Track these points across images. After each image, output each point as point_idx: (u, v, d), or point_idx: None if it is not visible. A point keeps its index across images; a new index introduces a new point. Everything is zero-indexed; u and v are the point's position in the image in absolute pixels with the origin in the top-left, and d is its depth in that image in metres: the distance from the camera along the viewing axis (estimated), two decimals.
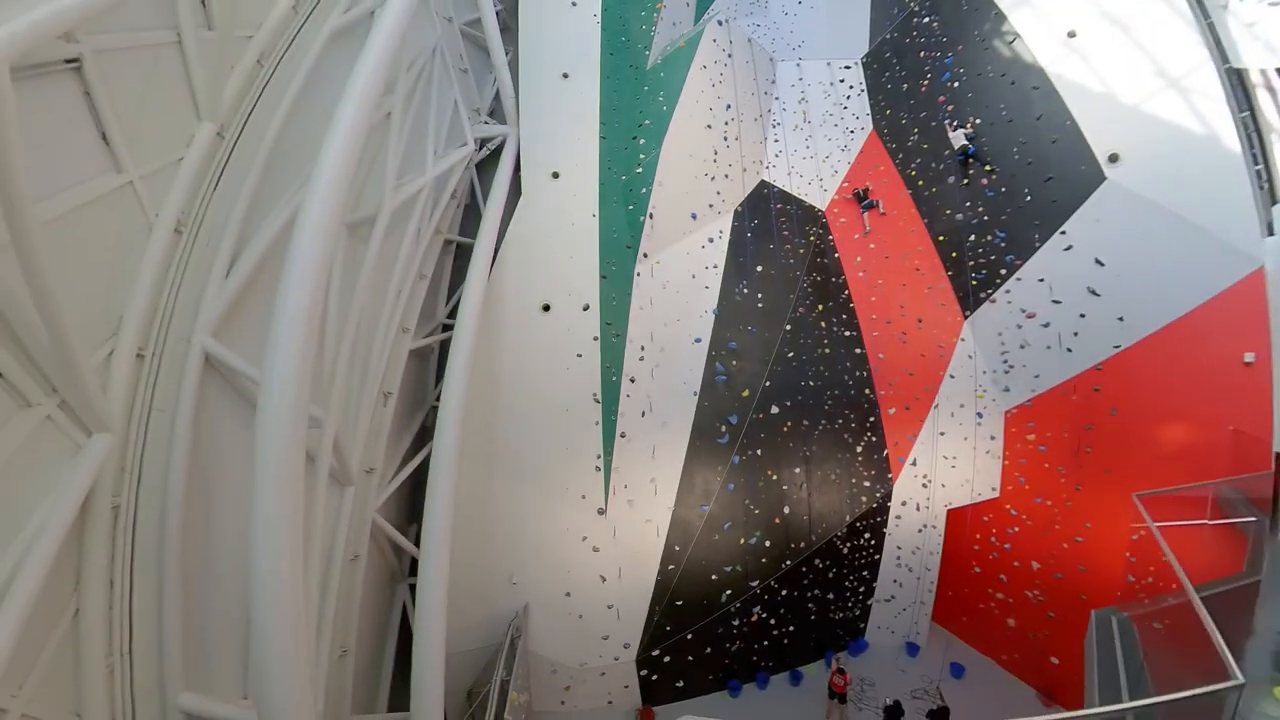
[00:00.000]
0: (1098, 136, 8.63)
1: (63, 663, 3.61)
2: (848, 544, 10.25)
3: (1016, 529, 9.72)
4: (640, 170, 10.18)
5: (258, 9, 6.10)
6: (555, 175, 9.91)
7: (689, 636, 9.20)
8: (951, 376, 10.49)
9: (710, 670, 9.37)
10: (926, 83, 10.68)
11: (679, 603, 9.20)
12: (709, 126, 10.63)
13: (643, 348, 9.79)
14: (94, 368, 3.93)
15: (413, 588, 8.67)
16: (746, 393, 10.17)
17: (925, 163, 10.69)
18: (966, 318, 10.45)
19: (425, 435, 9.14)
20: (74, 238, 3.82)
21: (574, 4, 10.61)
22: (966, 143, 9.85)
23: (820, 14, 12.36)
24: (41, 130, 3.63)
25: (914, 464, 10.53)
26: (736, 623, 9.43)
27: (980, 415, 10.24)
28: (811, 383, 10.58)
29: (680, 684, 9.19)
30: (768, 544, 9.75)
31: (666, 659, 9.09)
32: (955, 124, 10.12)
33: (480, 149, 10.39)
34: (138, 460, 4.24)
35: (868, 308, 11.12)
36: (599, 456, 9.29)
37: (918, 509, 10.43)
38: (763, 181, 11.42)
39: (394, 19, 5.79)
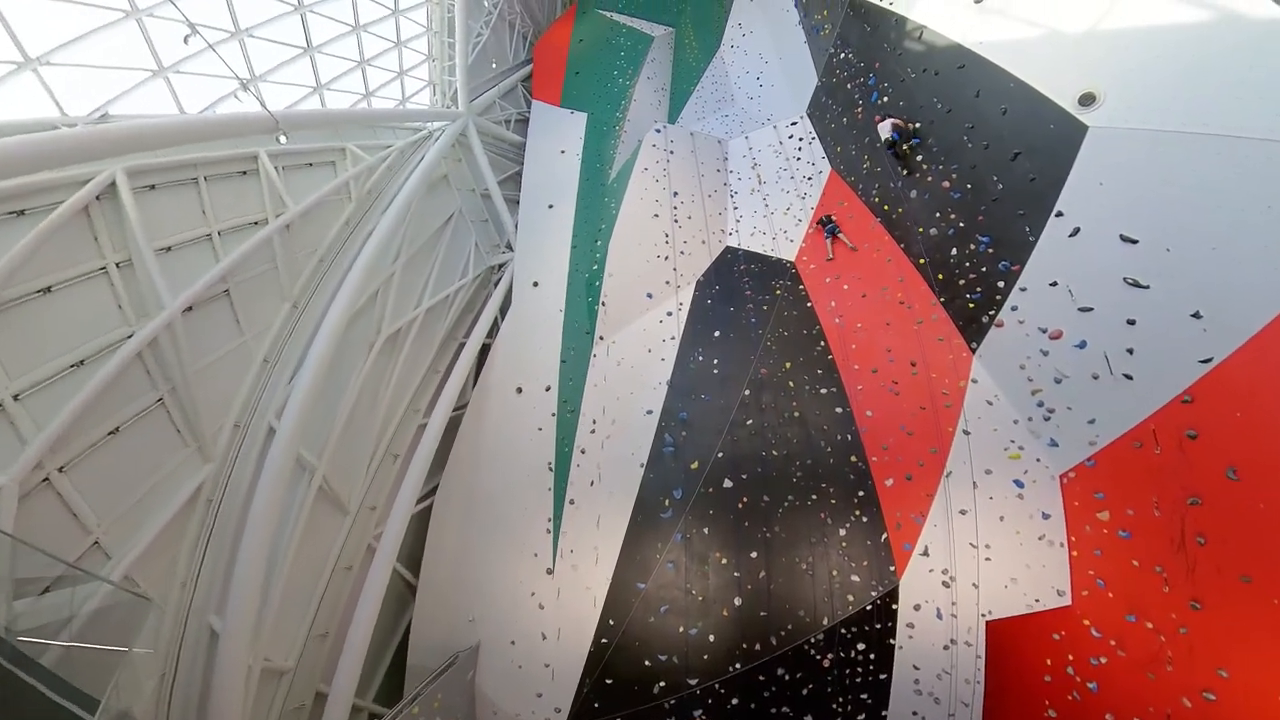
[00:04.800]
0: (1054, 82, 6.54)
1: (175, 568, 6.96)
2: (829, 655, 7.99)
3: (1104, 660, 6.23)
4: (596, 266, 11.68)
5: (321, 232, 10.61)
6: (535, 284, 12.24)
7: None
8: (966, 432, 7.87)
9: None
10: (860, 109, 9.59)
11: (609, 681, 8.66)
12: (656, 215, 11.58)
13: (594, 421, 10.52)
14: (213, 432, 7.76)
15: None
16: (696, 464, 9.63)
17: (884, 185, 9.18)
18: (974, 351, 7.95)
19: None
20: (217, 372, 7.91)
21: (561, 152, 13.55)
22: (891, 135, 8.35)
23: (780, 89, 12.54)
24: (214, 330, 7.94)
25: (925, 554, 7.86)
26: None
27: (1020, 484, 7.29)
28: (774, 452, 9.29)
29: None
30: (711, 639, 8.46)
31: None
32: (881, 116, 8.71)
33: (500, 271, 13.66)
34: (227, 477, 7.83)
35: (848, 357, 9.41)
36: (549, 520, 10.06)
37: (939, 617, 7.57)
38: (727, 248, 11.42)
39: (383, 233, 9.86)
